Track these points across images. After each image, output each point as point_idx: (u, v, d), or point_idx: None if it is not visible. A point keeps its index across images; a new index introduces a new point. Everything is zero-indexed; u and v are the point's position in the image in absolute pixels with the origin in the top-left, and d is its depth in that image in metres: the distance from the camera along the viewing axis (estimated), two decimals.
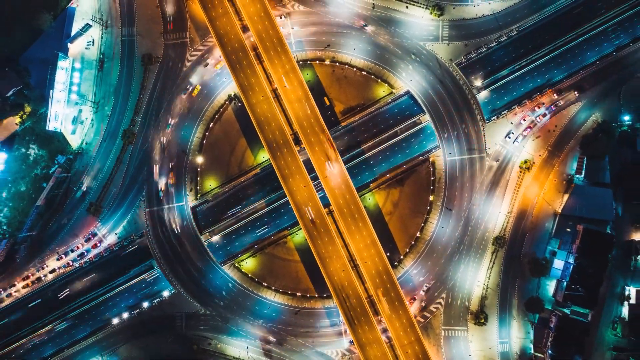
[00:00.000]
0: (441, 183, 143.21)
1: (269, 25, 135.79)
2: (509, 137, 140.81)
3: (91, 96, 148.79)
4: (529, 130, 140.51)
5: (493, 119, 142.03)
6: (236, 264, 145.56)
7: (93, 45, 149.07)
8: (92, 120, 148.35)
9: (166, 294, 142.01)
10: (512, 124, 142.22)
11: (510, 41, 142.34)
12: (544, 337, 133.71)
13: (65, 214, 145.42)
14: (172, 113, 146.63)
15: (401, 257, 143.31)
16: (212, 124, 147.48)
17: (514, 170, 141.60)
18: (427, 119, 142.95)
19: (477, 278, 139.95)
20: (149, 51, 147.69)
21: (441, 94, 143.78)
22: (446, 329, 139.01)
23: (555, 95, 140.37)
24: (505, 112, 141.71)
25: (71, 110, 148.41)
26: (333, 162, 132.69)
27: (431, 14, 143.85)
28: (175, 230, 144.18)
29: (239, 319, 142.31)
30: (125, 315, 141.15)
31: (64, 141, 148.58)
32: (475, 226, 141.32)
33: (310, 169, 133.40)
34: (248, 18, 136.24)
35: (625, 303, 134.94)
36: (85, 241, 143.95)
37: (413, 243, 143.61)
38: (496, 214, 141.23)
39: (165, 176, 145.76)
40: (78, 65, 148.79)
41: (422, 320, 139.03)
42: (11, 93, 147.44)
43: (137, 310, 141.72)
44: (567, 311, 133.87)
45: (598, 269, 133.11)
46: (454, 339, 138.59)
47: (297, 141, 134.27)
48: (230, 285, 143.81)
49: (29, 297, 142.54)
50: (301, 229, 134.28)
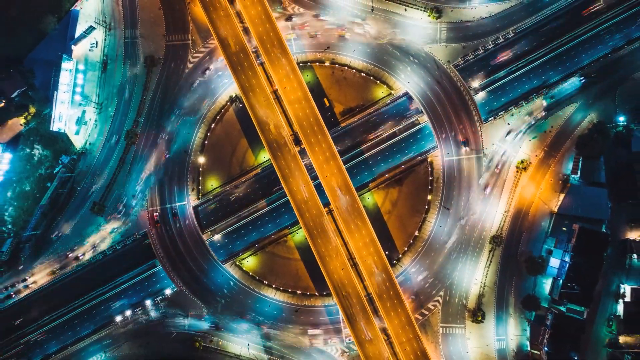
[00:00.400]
0: (439, 183, 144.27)
1: (270, 28, 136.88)
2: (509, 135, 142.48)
3: (95, 97, 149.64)
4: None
5: (490, 119, 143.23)
6: (237, 263, 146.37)
7: (96, 47, 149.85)
8: (95, 121, 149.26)
9: (168, 292, 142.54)
10: (509, 124, 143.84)
11: (507, 43, 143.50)
12: (540, 334, 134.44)
13: (69, 214, 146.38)
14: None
15: (400, 255, 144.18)
16: (213, 124, 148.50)
17: (510, 170, 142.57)
18: (425, 120, 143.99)
19: (475, 276, 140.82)
20: (152, 53, 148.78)
21: (439, 95, 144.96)
22: (444, 327, 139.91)
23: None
24: (502, 113, 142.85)
25: (75, 111, 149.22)
26: (333, 162, 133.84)
27: (429, 16, 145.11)
28: (177, 229, 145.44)
29: (240, 317, 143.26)
30: (129, 313, 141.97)
31: (68, 141, 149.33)
32: (473, 225, 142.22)
33: (310, 169, 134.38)
34: (249, 20, 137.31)
35: (620, 301, 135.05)
36: (89, 240, 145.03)
37: (411, 242, 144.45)
38: (493, 213, 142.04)
39: (168, 176, 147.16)
40: (82, 67, 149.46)
41: (421, 318, 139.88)
42: (16, 94, 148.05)
43: (140, 308, 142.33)
44: (563, 309, 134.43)
45: (593, 267, 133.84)
46: (452, 336, 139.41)
47: (297, 141, 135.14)
48: (232, 283, 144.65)
49: (32, 295, 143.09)
50: (301, 228, 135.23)
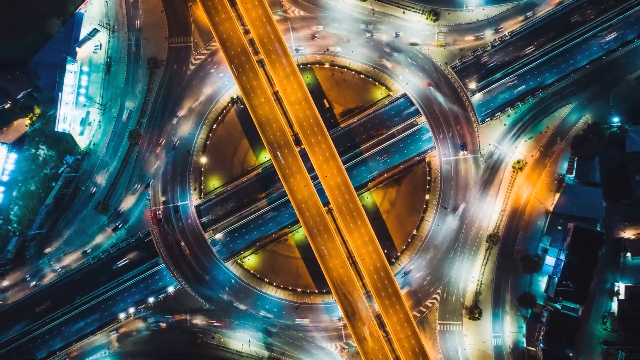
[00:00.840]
0: (437, 182, 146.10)
1: (271, 30, 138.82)
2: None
3: (99, 98, 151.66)
4: None
5: (487, 120, 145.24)
6: (239, 261, 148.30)
7: (100, 49, 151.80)
8: (99, 121, 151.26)
9: (171, 289, 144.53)
10: (505, 125, 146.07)
11: (504, 45, 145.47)
12: (536, 331, 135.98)
13: (73, 213, 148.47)
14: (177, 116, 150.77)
15: (398, 254, 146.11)
16: (215, 125, 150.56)
17: (507, 170, 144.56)
18: (423, 121, 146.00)
19: (472, 274, 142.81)
20: (155, 55, 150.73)
21: (437, 96, 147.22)
22: (441, 324, 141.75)
23: None
24: (499, 113, 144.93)
25: (79, 112, 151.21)
26: (332, 162, 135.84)
27: (427, 19, 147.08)
28: (179, 228, 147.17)
29: (241, 314, 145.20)
30: (132, 310, 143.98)
31: (72, 142, 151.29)
32: (470, 224, 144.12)
33: (310, 169, 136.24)
34: (250, 23, 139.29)
35: (615, 298, 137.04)
36: (93, 239, 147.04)
37: (410, 240, 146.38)
38: (490, 212, 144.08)
39: (170, 176, 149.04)
40: (86, 69, 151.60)
41: (418, 315, 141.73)
42: (21, 95, 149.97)
43: (143, 306, 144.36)
44: (558, 306, 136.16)
45: (588, 265, 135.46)
46: (449, 333, 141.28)
47: (298, 142, 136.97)
48: (233, 281, 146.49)
49: (38, 293, 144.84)
50: (301, 226, 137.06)
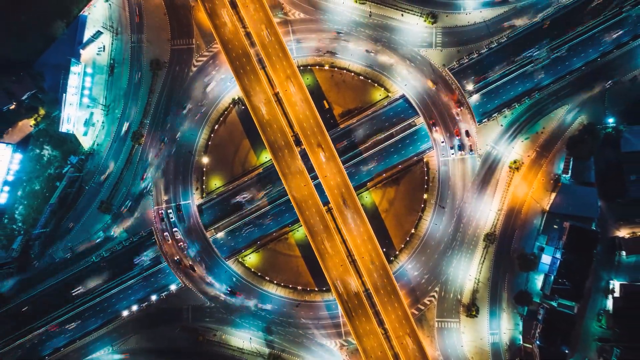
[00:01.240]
0: (435, 182, 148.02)
1: (271, 32, 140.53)
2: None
3: (102, 100, 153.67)
4: None
5: (484, 121, 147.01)
6: (240, 259, 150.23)
7: (104, 51, 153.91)
8: (103, 122, 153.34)
9: (173, 287, 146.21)
10: (502, 125, 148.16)
11: (501, 47, 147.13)
12: (532, 328, 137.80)
13: (77, 212, 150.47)
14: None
15: (397, 252, 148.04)
16: (217, 126, 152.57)
17: (503, 170, 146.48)
18: (421, 121, 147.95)
19: (469, 272, 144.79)
20: (157, 57, 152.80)
21: (434, 97, 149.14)
22: (439, 321, 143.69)
23: None
24: (496, 114, 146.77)
25: (83, 113, 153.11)
26: (332, 162, 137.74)
27: (425, 21, 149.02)
28: (182, 227, 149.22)
29: (242, 312, 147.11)
30: (135, 308, 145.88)
31: (76, 142, 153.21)
32: (467, 223, 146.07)
33: (310, 169, 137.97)
34: (251, 25, 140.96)
35: (610, 296, 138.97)
36: (97, 237, 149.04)
37: (408, 239, 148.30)
38: (487, 211, 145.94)
39: (172, 176, 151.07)
40: (90, 70, 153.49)
41: (417, 313, 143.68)
42: (26, 96, 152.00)
43: (146, 303, 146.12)
44: (554, 304, 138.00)
45: (584, 264, 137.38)
46: (447, 331, 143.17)
47: (298, 142, 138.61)
48: (235, 279, 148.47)
49: (43, 291, 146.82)
50: (302, 225, 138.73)
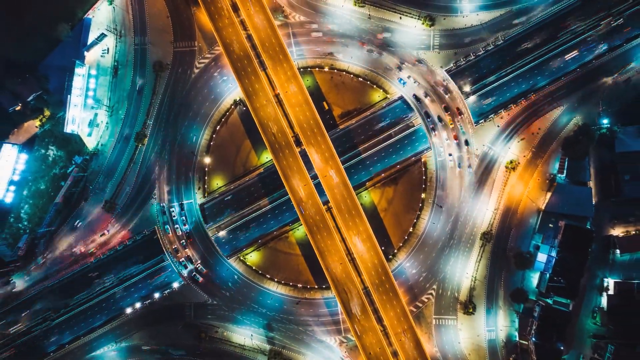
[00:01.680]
0: (432, 182, 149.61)
1: (272, 35, 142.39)
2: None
3: (106, 101, 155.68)
4: None
5: (481, 122, 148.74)
6: (241, 257, 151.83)
7: (108, 53, 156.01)
8: (107, 123, 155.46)
9: (176, 285, 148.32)
10: (498, 126, 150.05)
11: (497, 49, 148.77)
12: (528, 325, 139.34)
13: (81, 211, 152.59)
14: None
15: (395, 250, 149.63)
16: (218, 126, 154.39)
17: (500, 169, 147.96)
18: (419, 122, 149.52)
19: (466, 270, 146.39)
20: (160, 59, 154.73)
21: (432, 98, 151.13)
22: (437, 318, 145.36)
23: None
24: (492, 115, 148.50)
25: (87, 114, 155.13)
26: (331, 162, 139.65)
27: (423, 24, 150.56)
28: (184, 226, 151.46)
29: (243, 309, 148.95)
30: (138, 305, 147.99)
31: (80, 143, 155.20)
32: (464, 222, 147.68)
33: (310, 169, 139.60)
34: (252, 28, 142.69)
35: (604, 294, 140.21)
36: (101, 236, 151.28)
37: (406, 238, 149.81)
38: (484, 210, 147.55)
39: (175, 176, 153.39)
40: (94, 72, 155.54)
41: (415, 310, 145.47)
42: (31, 98, 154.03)
43: (149, 301, 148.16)
44: (549, 301, 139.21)
45: (579, 262, 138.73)
46: (445, 327, 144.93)
47: (298, 143, 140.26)
48: (236, 277, 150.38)
49: (48, 288, 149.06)
50: (302, 224, 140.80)
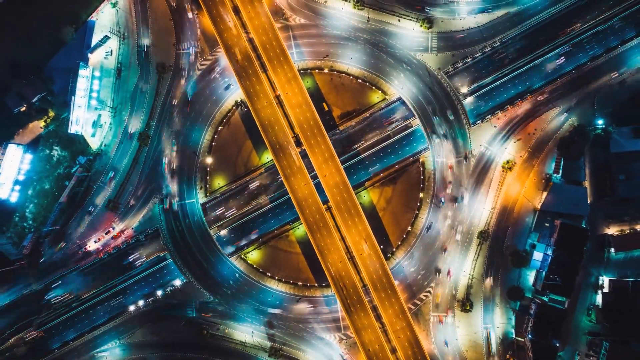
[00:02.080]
0: (430, 181, 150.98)
1: (273, 37, 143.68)
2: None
3: (109, 102, 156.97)
4: None
5: (478, 123, 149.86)
6: (242, 256, 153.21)
7: (111, 55, 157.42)
8: (110, 124, 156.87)
9: (178, 283, 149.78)
10: (495, 127, 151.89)
11: (494, 51, 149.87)
12: (524, 322, 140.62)
13: (85, 210, 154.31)
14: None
15: (394, 249, 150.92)
16: (220, 127, 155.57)
17: (497, 169, 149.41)
18: (417, 123, 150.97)
19: (463, 269, 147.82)
20: (163, 60, 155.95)
21: (430, 100, 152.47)
22: (435, 315, 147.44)
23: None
24: (489, 116, 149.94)
25: (91, 115, 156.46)
26: (331, 163, 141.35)
27: (421, 26, 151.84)
28: (186, 225, 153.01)
29: (245, 306, 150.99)
30: (141, 303, 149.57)
31: (84, 143, 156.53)
32: (462, 221, 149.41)
33: (310, 169, 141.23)
34: (253, 30, 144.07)
35: (599, 292, 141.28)
36: (104, 235, 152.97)
37: (404, 236, 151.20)
38: (481, 209, 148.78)
39: (177, 175, 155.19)
40: (97, 74, 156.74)
41: (413, 307, 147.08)
42: (36, 99, 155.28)
43: (152, 298, 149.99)
44: (545, 299, 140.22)
45: (574, 260, 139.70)
46: (442, 325, 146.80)
47: (298, 143, 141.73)
48: (237, 275, 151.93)
49: (50, 287, 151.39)
50: (302, 223, 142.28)
